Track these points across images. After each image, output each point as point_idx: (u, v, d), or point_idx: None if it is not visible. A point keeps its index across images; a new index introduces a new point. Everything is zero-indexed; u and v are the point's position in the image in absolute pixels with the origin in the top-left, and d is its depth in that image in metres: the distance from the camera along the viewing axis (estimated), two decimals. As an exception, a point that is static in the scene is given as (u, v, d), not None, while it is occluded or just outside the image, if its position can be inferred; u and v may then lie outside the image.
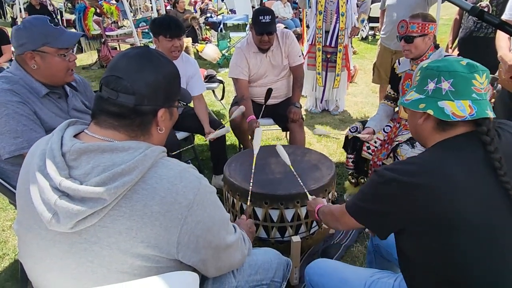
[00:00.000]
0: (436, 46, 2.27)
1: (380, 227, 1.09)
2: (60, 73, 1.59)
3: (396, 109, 2.60)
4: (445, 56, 2.22)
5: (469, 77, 1.01)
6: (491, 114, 1.01)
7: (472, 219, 0.94)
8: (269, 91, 2.63)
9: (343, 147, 2.59)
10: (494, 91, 2.04)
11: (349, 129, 2.49)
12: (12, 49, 4.39)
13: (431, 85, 1.05)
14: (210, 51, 6.88)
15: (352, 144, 2.49)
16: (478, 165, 0.97)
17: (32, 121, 1.52)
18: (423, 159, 1.02)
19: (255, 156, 1.75)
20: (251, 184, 1.73)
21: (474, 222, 0.94)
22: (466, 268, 0.96)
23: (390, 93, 2.55)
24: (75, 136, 0.92)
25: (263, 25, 2.58)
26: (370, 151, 2.41)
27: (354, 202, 1.13)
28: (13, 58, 4.33)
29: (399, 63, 2.45)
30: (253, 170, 1.73)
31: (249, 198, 1.73)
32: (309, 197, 1.71)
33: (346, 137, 2.50)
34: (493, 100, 2.12)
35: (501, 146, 0.98)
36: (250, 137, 2.92)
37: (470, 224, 0.94)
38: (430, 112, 1.03)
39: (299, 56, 2.85)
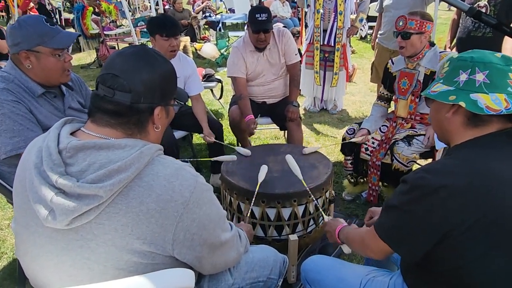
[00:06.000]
0: (432, 44, 2.27)
1: (415, 245, 0.96)
2: (55, 73, 1.57)
3: (391, 109, 2.61)
4: (440, 53, 2.23)
5: (506, 69, 0.95)
6: None
7: None
8: None
9: (340, 150, 2.59)
10: None
11: (346, 131, 2.49)
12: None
13: (463, 76, 0.97)
14: (209, 49, 6.91)
15: (349, 147, 2.50)
16: None
17: (29, 120, 1.51)
18: (464, 159, 0.93)
19: (258, 183, 1.77)
20: (253, 201, 1.74)
21: None
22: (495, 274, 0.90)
23: (383, 93, 2.55)
24: (72, 134, 0.92)
25: (259, 23, 2.58)
26: (368, 152, 2.41)
27: (383, 221, 1.02)
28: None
29: (393, 63, 2.45)
30: (255, 193, 1.75)
31: (249, 211, 1.74)
32: (325, 217, 1.63)
33: (343, 139, 2.50)
34: None
35: None
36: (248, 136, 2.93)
37: None
38: (462, 104, 0.95)
39: (295, 55, 2.85)
